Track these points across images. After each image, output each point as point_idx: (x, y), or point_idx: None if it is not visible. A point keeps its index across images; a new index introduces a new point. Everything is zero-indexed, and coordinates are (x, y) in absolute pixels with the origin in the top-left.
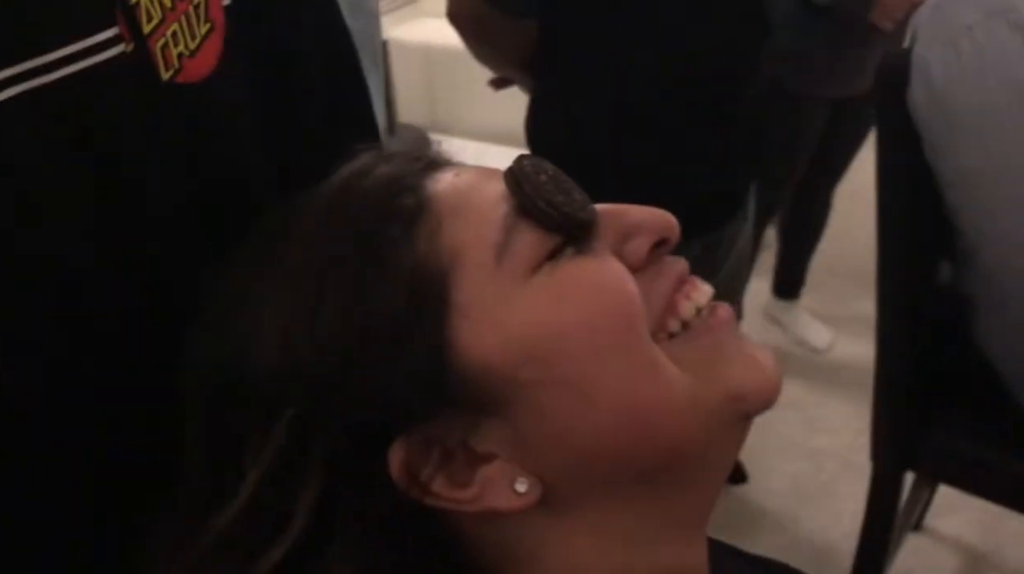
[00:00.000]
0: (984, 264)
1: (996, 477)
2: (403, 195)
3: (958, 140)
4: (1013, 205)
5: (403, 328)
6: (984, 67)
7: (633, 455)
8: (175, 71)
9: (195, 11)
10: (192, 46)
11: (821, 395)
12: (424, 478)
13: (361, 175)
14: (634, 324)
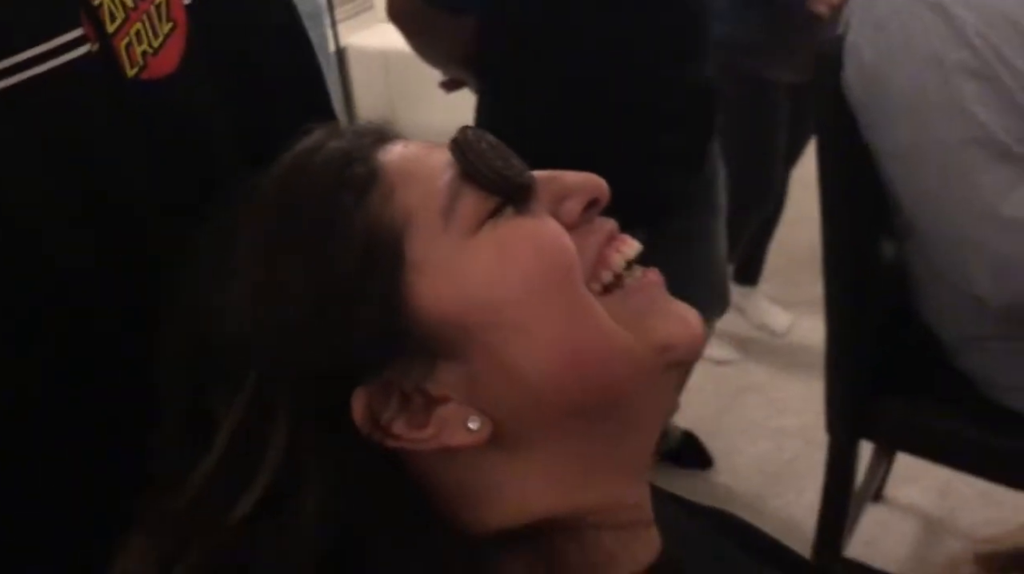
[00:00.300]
0: (920, 236)
1: (946, 441)
2: (355, 165)
3: (890, 118)
4: (942, 177)
5: (360, 285)
6: (910, 47)
7: (573, 394)
8: (140, 68)
9: (156, 10)
10: (155, 44)
11: (782, 377)
12: (385, 422)
13: (314, 150)
14: (571, 273)
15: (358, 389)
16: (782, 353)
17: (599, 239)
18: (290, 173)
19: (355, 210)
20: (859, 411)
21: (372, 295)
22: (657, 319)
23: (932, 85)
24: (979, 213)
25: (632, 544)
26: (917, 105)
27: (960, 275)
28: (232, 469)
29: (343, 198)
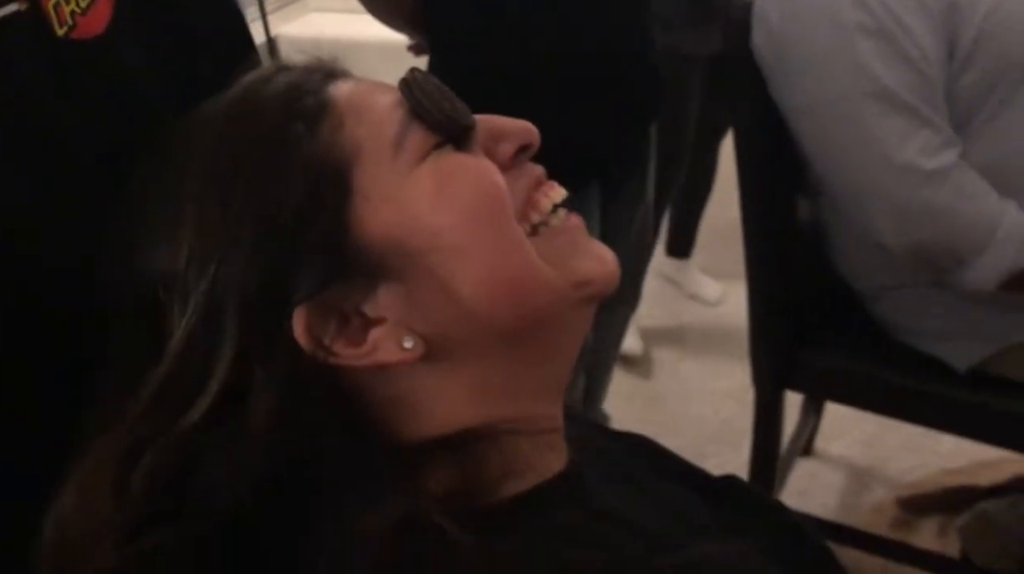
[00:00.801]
0: (829, 190)
1: (863, 386)
2: (305, 97)
3: (795, 77)
4: (843, 130)
5: (307, 210)
6: (812, 9)
7: (501, 317)
8: (69, 27)
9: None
10: (83, 4)
11: (717, 344)
12: (325, 340)
13: (263, 81)
14: (503, 207)
15: (299, 307)
16: (716, 321)
17: (528, 182)
18: (240, 101)
19: (304, 139)
20: (782, 363)
21: (318, 220)
22: (577, 258)
23: (833, 44)
24: (877, 162)
25: (546, 451)
26: (820, 63)
27: (865, 224)
28: (184, 376)
29: (293, 126)
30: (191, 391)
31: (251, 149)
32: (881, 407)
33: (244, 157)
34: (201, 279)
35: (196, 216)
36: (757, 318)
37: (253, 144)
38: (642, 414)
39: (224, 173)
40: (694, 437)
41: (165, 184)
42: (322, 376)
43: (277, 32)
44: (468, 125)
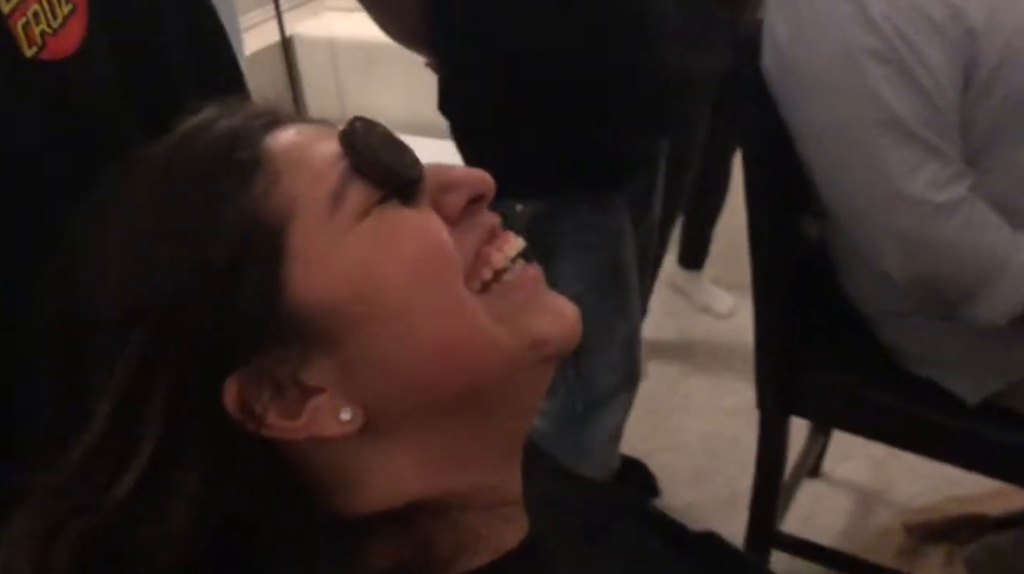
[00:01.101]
0: (835, 214)
1: (870, 413)
2: (240, 149)
3: (802, 98)
4: (851, 158)
5: (236, 272)
6: (820, 30)
7: (443, 386)
8: (39, 48)
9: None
10: (55, 24)
11: (726, 358)
12: (258, 410)
13: (202, 128)
14: (447, 267)
15: (231, 376)
16: (726, 335)
17: (480, 235)
18: (174, 152)
19: (236, 195)
20: (788, 386)
21: (248, 283)
22: (532, 315)
23: (842, 68)
24: (885, 192)
25: (500, 525)
26: (828, 87)
27: (870, 253)
28: (111, 447)
29: (225, 182)
30: (117, 464)
31: (179, 204)
32: (887, 436)
33: (172, 213)
34: (127, 341)
35: (121, 273)
36: (762, 341)
37: (181, 199)
38: (645, 429)
39: (151, 228)
40: (699, 455)
41: (95, 234)
42: (256, 447)
43: (292, 31)
44: (412, 178)
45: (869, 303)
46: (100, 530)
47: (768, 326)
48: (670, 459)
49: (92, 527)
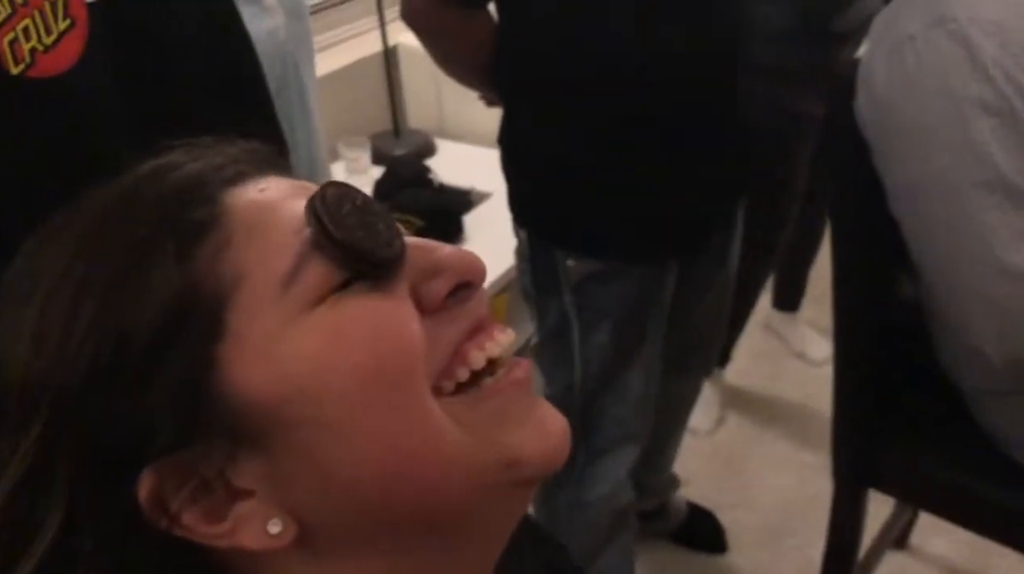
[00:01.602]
0: (925, 279)
1: (959, 499)
2: (193, 205)
3: (897, 150)
4: (949, 220)
5: (162, 348)
6: (923, 77)
7: (395, 505)
8: (27, 65)
9: (51, 8)
10: (47, 41)
11: (815, 408)
12: (174, 509)
13: (159, 173)
14: (408, 374)
15: (148, 467)
16: (819, 383)
17: (461, 329)
18: (121, 199)
19: (176, 259)
20: (866, 458)
21: (173, 363)
22: (510, 429)
23: (944, 119)
24: (987, 262)
25: None
26: (926, 140)
27: (963, 325)
28: (8, 530)
29: (167, 242)
30: (13, 549)
31: (110, 263)
32: (978, 526)
33: (100, 271)
34: (34, 413)
35: (33, 336)
36: (840, 405)
37: (114, 256)
38: (719, 479)
39: (75, 287)
40: (773, 511)
41: (21, 282)
42: (173, 551)
43: (396, 41)
44: (384, 261)
45: (964, 377)
46: None
47: (848, 390)
48: (742, 514)
49: None
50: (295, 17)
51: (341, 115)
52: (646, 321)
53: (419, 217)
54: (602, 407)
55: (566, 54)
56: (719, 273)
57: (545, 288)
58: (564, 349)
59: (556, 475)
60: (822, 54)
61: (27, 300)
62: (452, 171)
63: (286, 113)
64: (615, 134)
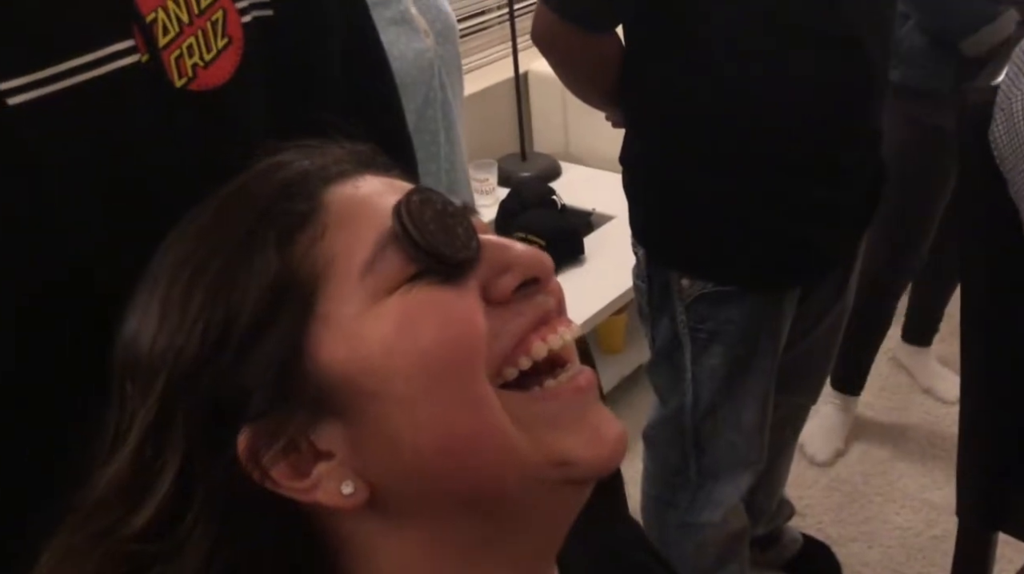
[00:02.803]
0: None
1: None
2: (296, 199)
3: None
4: None
5: (262, 327)
6: None
7: (451, 480)
8: (189, 79)
9: (212, 27)
10: (208, 57)
11: (943, 448)
12: (265, 463)
13: (269, 171)
14: (469, 361)
15: (246, 426)
16: (947, 421)
17: (527, 321)
18: (231, 195)
19: (278, 247)
20: (993, 499)
21: (272, 339)
22: (563, 431)
23: None
24: None
25: None
26: None
27: None
28: (132, 483)
29: (270, 232)
30: (136, 497)
31: (222, 251)
32: None
33: (213, 258)
34: (157, 378)
35: (158, 317)
36: (967, 443)
37: (225, 245)
38: (839, 512)
39: (192, 272)
40: (895, 549)
41: (153, 268)
42: (266, 503)
43: (527, 68)
44: (460, 260)
45: None
46: (115, 564)
47: (975, 429)
48: (862, 550)
49: (107, 559)
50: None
51: (471, 138)
52: (759, 347)
53: (542, 237)
54: (715, 430)
55: (695, 83)
56: (837, 303)
57: (659, 307)
58: (676, 369)
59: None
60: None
61: (157, 285)
62: (575, 193)
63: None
64: (740, 162)
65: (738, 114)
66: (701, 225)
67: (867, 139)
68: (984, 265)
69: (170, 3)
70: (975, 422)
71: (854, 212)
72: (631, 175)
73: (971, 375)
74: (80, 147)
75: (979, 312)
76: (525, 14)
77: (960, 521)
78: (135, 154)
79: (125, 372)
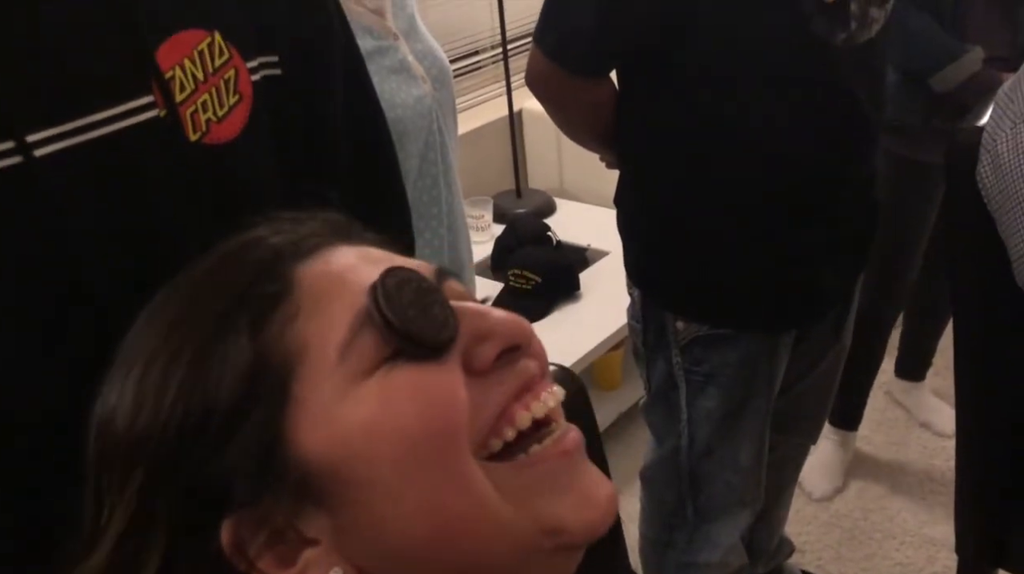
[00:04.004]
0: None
1: None
2: (267, 281)
3: (1019, 220)
4: None
5: (239, 415)
6: None
7: (439, 562)
8: (203, 133)
9: (225, 84)
10: (220, 113)
11: (942, 482)
12: (252, 554)
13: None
14: (452, 439)
15: (229, 516)
16: (944, 455)
17: (509, 389)
18: (207, 273)
19: (249, 335)
20: (992, 533)
21: (250, 426)
22: (551, 497)
23: None
24: None
25: None
26: None
27: None
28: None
29: (240, 319)
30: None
31: (196, 335)
32: None
33: (187, 343)
34: (135, 470)
35: (134, 403)
36: (963, 480)
37: (199, 330)
38: (838, 549)
39: (167, 357)
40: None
41: (128, 349)
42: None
43: (521, 106)
44: (432, 345)
45: None
46: None
47: (972, 464)
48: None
49: None
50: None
51: (467, 175)
52: (755, 389)
53: (536, 273)
54: (711, 471)
55: (690, 130)
56: (834, 344)
57: (654, 348)
58: (672, 410)
59: (666, 535)
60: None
61: (131, 369)
62: (571, 229)
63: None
64: (735, 206)
65: (733, 160)
66: (696, 268)
67: (861, 182)
68: (975, 300)
69: (187, 61)
70: (970, 457)
71: (849, 254)
72: (626, 217)
73: (965, 410)
74: (101, 197)
75: (971, 347)
76: (519, 53)
77: (959, 557)
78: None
79: (101, 463)
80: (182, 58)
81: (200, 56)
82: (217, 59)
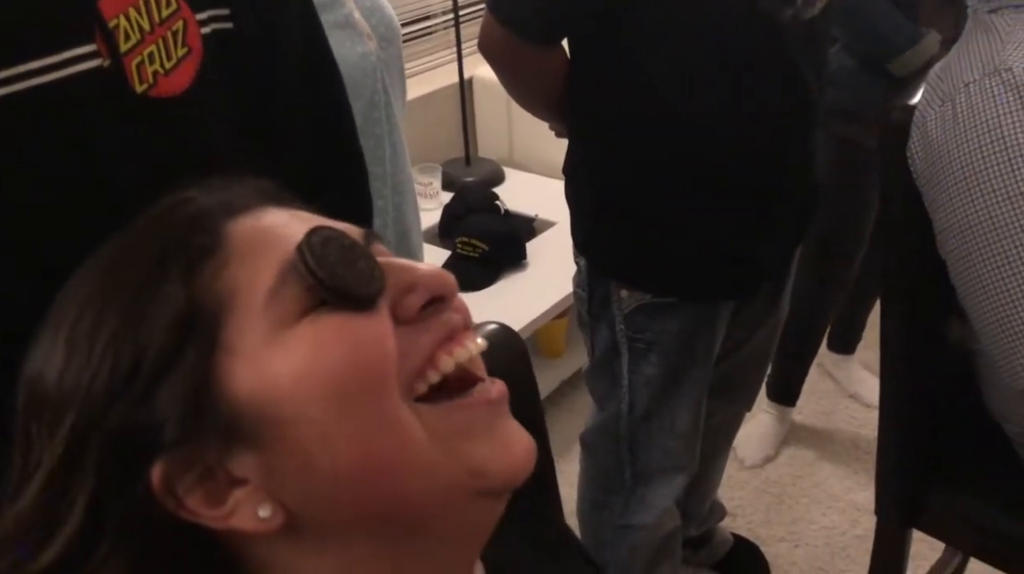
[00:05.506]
0: (972, 323)
1: (1008, 546)
2: (199, 233)
3: (948, 194)
4: (996, 266)
5: (168, 359)
6: (976, 124)
7: (367, 501)
8: (149, 85)
9: (173, 36)
10: (168, 65)
11: (866, 451)
12: (180, 492)
13: (173, 208)
14: (381, 381)
15: (160, 458)
16: (869, 425)
17: (434, 337)
18: (143, 227)
19: (182, 282)
20: (909, 497)
21: (180, 371)
22: (476, 441)
23: (995, 168)
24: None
25: None
26: (976, 187)
27: (1008, 368)
28: (40, 518)
29: (172, 268)
30: (46, 532)
31: (128, 286)
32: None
33: (119, 294)
34: (65, 416)
35: (64, 355)
36: (884, 447)
37: (127, 282)
38: (768, 513)
39: (98, 309)
40: (820, 548)
41: (57, 308)
42: (184, 534)
43: (471, 74)
44: (362, 295)
45: (1010, 420)
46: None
47: (894, 431)
48: (788, 550)
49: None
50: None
51: (416, 142)
52: (694, 357)
53: (484, 241)
54: (649, 436)
55: (639, 104)
56: (771, 315)
57: (598, 316)
58: (613, 377)
59: (603, 497)
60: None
61: (62, 323)
62: (519, 199)
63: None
64: (680, 180)
65: (680, 136)
66: (640, 238)
67: (803, 161)
68: (903, 276)
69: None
70: (891, 426)
71: (788, 229)
72: (573, 186)
73: (890, 382)
74: (44, 146)
75: (898, 320)
76: (470, 20)
77: (878, 519)
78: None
79: (30, 413)
80: (127, 7)
81: (146, 5)
82: (164, 9)
